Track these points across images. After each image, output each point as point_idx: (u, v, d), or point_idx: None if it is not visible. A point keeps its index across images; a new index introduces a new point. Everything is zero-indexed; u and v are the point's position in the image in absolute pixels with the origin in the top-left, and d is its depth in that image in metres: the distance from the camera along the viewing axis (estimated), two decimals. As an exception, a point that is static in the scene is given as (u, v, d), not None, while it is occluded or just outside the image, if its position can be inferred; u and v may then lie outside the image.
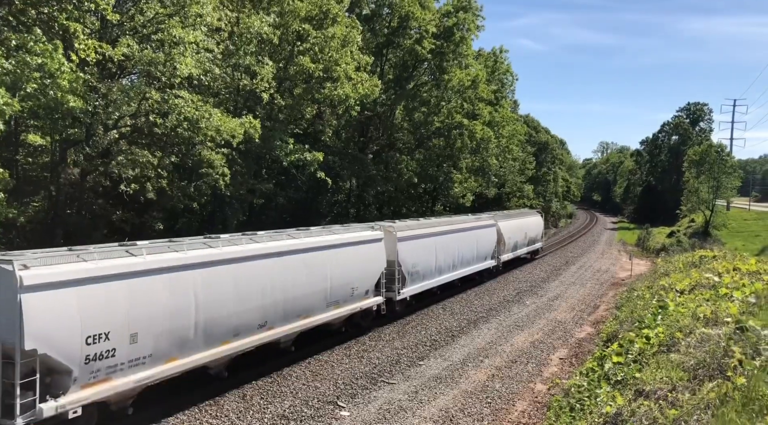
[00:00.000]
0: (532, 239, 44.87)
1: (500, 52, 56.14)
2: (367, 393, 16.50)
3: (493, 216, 37.05)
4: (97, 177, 24.47)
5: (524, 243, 42.37)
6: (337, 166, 34.61)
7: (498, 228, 36.18)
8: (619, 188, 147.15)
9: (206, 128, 21.40)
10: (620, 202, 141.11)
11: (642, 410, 9.48)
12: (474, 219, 34.53)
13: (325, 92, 29.02)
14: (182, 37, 20.40)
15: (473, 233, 32.64)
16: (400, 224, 25.52)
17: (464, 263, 31.41)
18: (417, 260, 25.78)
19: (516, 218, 41.30)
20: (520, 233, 41.12)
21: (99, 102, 20.25)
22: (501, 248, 36.85)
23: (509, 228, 38.52)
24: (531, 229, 44.53)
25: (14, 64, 15.38)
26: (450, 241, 29.27)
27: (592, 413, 11.36)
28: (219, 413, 14.69)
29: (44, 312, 10.80)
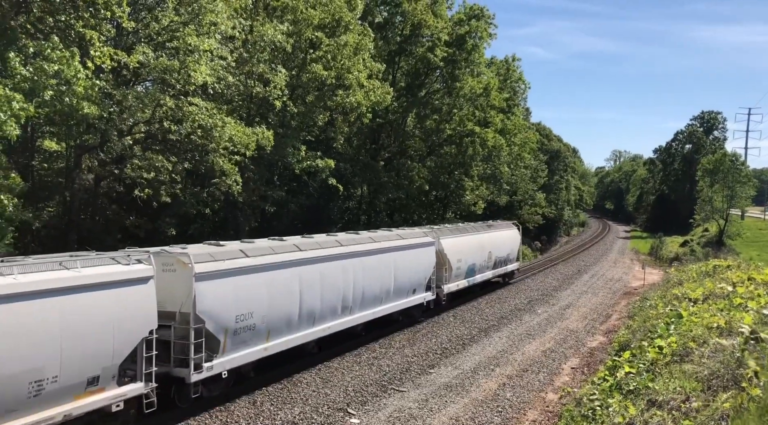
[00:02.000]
0: (502, 259, 35.45)
1: (512, 60, 56.12)
2: (377, 400, 16.47)
3: (432, 231, 27.59)
4: (111, 183, 24.69)
5: (488, 265, 33.05)
6: (349, 173, 34.70)
7: (440, 248, 27.17)
8: (631, 196, 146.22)
9: (219, 137, 21.54)
10: (633, 210, 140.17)
11: (655, 420, 9.39)
12: (394, 236, 24.10)
13: (337, 100, 29.14)
14: (197, 45, 20.58)
15: (388, 258, 22.58)
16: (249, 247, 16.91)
17: (369, 300, 21.53)
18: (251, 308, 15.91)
19: (474, 234, 32.05)
20: (481, 254, 31.83)
21: (114, 108, 20.46)
22: (445, 274, 27.50)
23: (460, 247, 29.31)
24: (500, 247, 35.08)
25: (32, 71, 15.59)
26: (337, 270, 19.49)
27: (604, 423, 11.26)
28: (229, 419, 14.72)
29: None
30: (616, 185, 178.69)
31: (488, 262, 33.22)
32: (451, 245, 28.54)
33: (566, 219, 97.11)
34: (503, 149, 42.96)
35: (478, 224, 35.19)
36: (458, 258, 28.98)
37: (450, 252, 28.00)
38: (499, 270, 35.59)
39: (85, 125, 20.42)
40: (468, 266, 30.40)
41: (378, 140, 39.11)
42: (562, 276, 44.78)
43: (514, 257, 38.45)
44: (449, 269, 28.04)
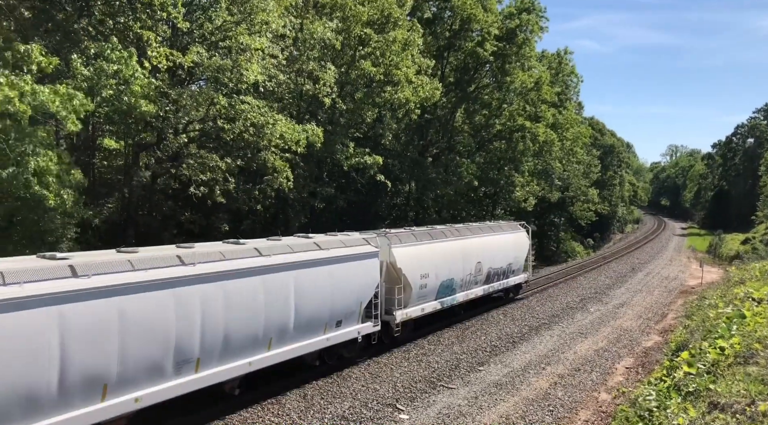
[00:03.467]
0: (500, 271, 27.90)
1: (565, 54, 54.95)
2: (426, 397, 16.44)
3: (380, 237, 20.19)
4: (167, 180, 25.39)
5: (476, 279, 25.70)
6: (397, 169, 34.68)
7: (391, 259, 20.16)
8: (689, 192, 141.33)
9: (271, 135, 21.86)
10: (690, 207, 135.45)
11: (717, 424, 9.05)
12: (309, 245, 16.99)
13: (386, 96, 29.15)
14: (249, 44, 20.93)
15: (279, 280, 15.25)
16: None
17: (236, 347, 14.06)
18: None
19: (451, 239, 24.07)
20: (463, 265, 24.48)
21: (169, 107, 21.02)
22: (398, 296, 20.32)
23: (425, 258, 21.86)
24: (497, 255, 27.38)
25: (92, 71, 16.16)
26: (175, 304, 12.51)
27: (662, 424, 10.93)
28: (281, 411, 14.95)
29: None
30: (672, 181, 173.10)
31: (476, 275, 25.46)
32: (410, 255, 20.91)
33: (620, 216, 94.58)
34: (555, 144, 42.12)
35: (461, 227, 26.74)
36: (423, 272, 21.40)
37: (407, 265, 20.58)
38: (496, 285, 27.68)
39: (143, 124, 21.04)
40: (442, 282, 22.74)
41: (426, 135, 38.95)
42: (615, 274, 43.67)
43: (520, 267, 30.27)
44: (407, 289, 20.58)
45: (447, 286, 23.46)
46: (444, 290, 23.34)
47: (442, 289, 23.18)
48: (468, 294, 25.37)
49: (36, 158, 14.85)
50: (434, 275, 22.40)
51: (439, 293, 23.01)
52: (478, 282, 26.04)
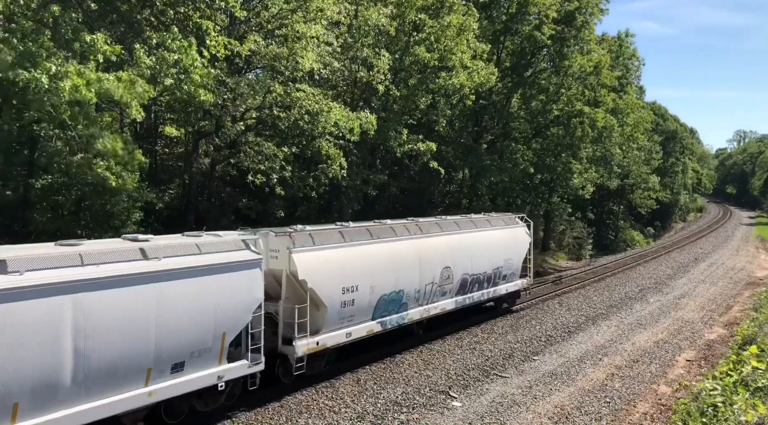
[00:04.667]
0: (483, 277, 22.43)
1: (626, 37, 53.09)
2: (480, 385, 16.37)
3: (279, 235, 15.31)
4: (225, 167, 25.96)
5: (444, 290, 20.36)
6: (450, 156, 34.37)
7: (292, 269, 15.06)
8: (757, 180, 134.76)
9: (325, 122, 22.01)
10: (759, 195, 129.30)
11: (786, 421, 8.64)
12: (120, 253, 11.49)
13: (440, 82, 28.85)
14: (304, 31, 21.07)
15: (54, 307, 10.13)
16: None
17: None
18: None
19: (401, 240, 18.77)
20: (422, 273, 19.21)
21: (227, 96, 21.42)
22: (303, 320, 15.09)
23: (350, 267, 16.61)
24: (480, 258, 22.18)
25: (154, 60, 16.62)
26: None
27: (728, 420, 10.54)
28: (335, 395, 15.18)
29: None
30: (739, 168, 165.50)
31: (444, 284, 20.20)
32: (324, 262, 15.71)
33: (682, 204, 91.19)
34: (614, 129, 40.83)
35: (425, 221, 20.85)
36: (347, 285, 16.27)
37: (318, 275, 15.38)
38: (477, 295, 22.24)
39: (202, 112, 21.54)
40: (382, 296, 17.55)
41: (481, 122, 38.40)
42: (676, 264, 42.25)
43: (516, 271, 24.61)
44: (320, 308, 15.55)
45: (392, 301, 17.96)
46: (387, 307, 17.80)
47: (384, 305, 17.68)
48: (429, 309, 19.67)
49: (102, 141, 15.44)
50: (367, 288, 16.84)
51: (378, 311, 17.49)
52: (446, 293, 20.49)
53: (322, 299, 15.58)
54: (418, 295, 19.21)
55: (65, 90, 13.67)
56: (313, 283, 15.29)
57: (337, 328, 16.25)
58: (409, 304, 18.91)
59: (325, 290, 15.68)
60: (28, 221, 17.67)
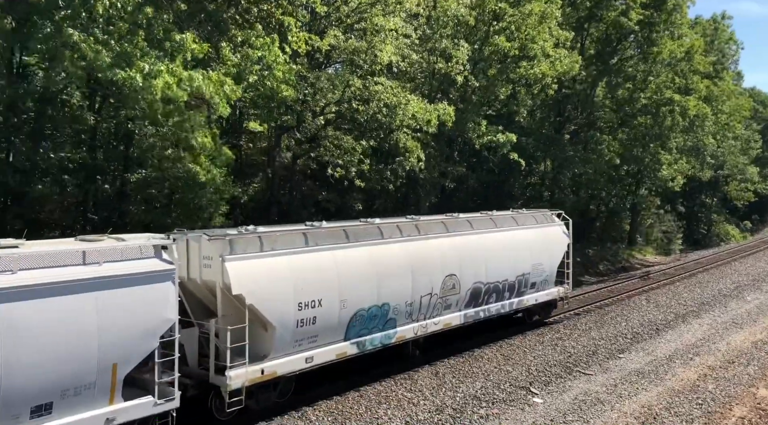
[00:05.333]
0: (504, 285, 19.09)
1: (722, 19, 50.04)
2: (562, 381, 15.97)
3: (212, 239, 12.50)
4: (306, 161, 26.54)
5: (450, 301, 17.20)
6: (531, 147, 33.60)
7: (225, 283, 12.34)
8: None
9: (403, 115, 22.04)
10: None
11: None
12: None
13: (521, 71, 28.26)
14: (383, 24, 21.16)
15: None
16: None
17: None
18: None
19: (387, 243, 15.72)
20: (416, 282, 16.04)
21: (308, 90, 21.86)
22: (240, 344, 12.34)
23: (310, 276, 13.65)
24: (499, 263, 18.88)
25: (239, 58, 17.18)
26: None
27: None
28: (413, 387, 15.23)
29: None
30: None
31: (447, 295, 17.05)
32: (267, 271, 12.89)
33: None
34: (707, 118, 38.62)
35: (427, 220, 17.65)
36: (304, 299, 13.36)
37: (261, 289, 12.63)
38: (495, 306, 18.87)
39: (284, 107, 22.08)
40: (358, 312, 14.61)
41: (563, 112, 37.29)
42: (778, 261, 39.55)
43: (550, 278, 21.14)
44: (268, 328, 12.91)
45: (373, 317, 14.98)
46: (366, 324, 14.83)
47: (361, 322, 14.69)
48: (426, 326, 16.49)
49: (194, 137, 16.15)
50: (336, 302, 13.99)
51: (352, 329, 14.50)
52: (452, 305, 17.26)
53: (267, 318, 12.63)
54: (411, 309, 15.97)
55: (157, 88, 14.35)
56: (254, 298, 12.36)
57: (293, 352, 13.27)
58: (399, 320, 15.67)
59: (273, 307, 12.69)
60: (125, 213, 18.74)
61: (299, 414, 13.32)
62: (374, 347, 15.22)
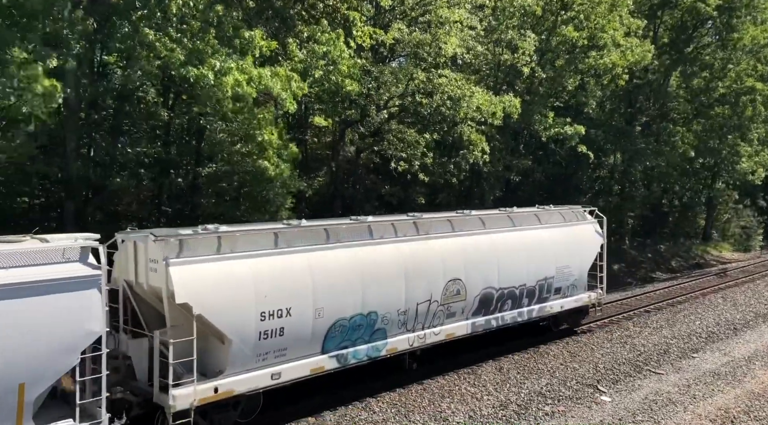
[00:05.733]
0: (522, 291, 17.18)
1: (810, 0, 46.91)
2: (631, 380, 15.50)
3: (158, 240, 11.00)
4: (369, 155, 26.73)
5: (455, 309, 15.45)
6: (600, 139, 32.63)
7: (170, 291, 10.85)
8: None
9: (467, 107, 21.84)
10: None
11: None
12: None
13: (590, 62, 27.45)
14: (447, 16, 21.02)
15: None
16: None
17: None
18: None
19: (374, 244, 13.97)
20: (410, 289, 14.33)
21: (372, 84, 21.97)
22: (187, 359, 10.88)
23: (276, 282, 12.06)
24: (516, 266, 16.95)
25: (305, 53, 17.46)
26: None
27: None
28: (476, 381, 15.14)
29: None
30: None
31: (450, 303, 15.27)
32: (222, 277, 11.42)
33: None
34: (793, 107, 36.36)
35: (429, 219, 15.69)
36: (271, 308, 11.90)
37: (212, 297, 11.20)
38: (511, 315, 17.02)
39: (348, 102, 22.30)
40: (338, 321, 13.09)
41: (635, 102, 35.98)
42: None
43: (579, 282, 19.04)
44: (225, 341, 11.47)
45: (356, 327, 13.42)
46: (348, 335, 13.33)
47: (342, 333, 13.20)
48: (424, 336, 14.83)
49: (261, 133, 16.56)
50: (309, 310, 12.50)
51: (331, 341, 13.02)
52: (456, 313, 15.53)
53: (220, 329, 11.23)
54: (405, 318, 14.29)
55: (228, 85, 14.78)
56: (203, 308, 10.94)
57: (255, 367, 11.80)
58: (389, 330, 14.07)
59: (228, 317, 11.29)
60: (197, 205, 19.43)
61: (363, 405, 13.47)
62: (359, 360, 13.58)
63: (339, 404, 13.41)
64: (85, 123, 17.05)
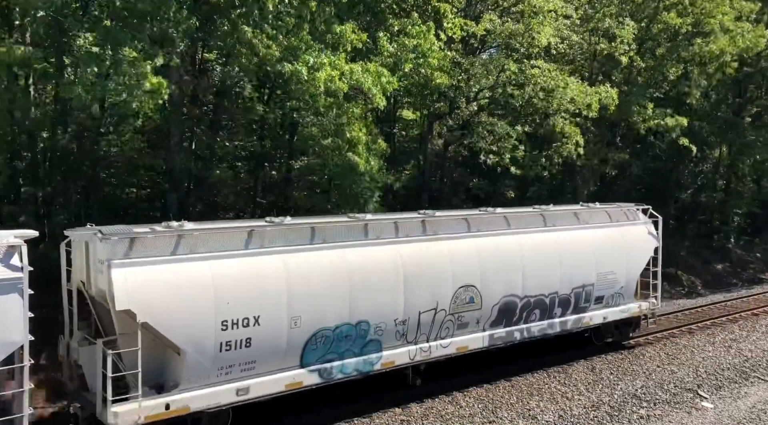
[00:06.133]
0: (553, 298, 15.35)
1: None
2: (736, 387, 14.61)
3: (106, 239, 10.13)
4: (457, 147, 26.51)
5: (467, 319, 13.93)
6: (704, 131, 30.73)
7: (111, 295, 9.99)
8: None
9: (561, 99, 21.20)
10: None
11: None
12: None
13: (694, 49, 25.88)
14: (541, 6, 20.47)
15: None
16: None
17: None
18: None
19: (368, 245, 12.69)
20: (409, 295, 12.93)
21: (461, 76, 21.76)
22: (136, 373, 10.12)
23: (239, 287, 10.92)
24: (547, 271, 15.20)
25: (395, 47, 17.53)
26: None
27: None
28: (567, 380, 14.76)
29: None
30: None
31: (462, 312, 13.80)
32: (174, 280, 10.40)
33: None
34: None
35: (444, 216, 14.33)
36: (235, 316, 10.82)
37: (161, 303, 10.23)
38: (539, 325, 15.22)
39: (437, 94, 22.20)
40: (320, 331, 11.88)
41: (744, 92, 33.57)
42: None
43: (626, 290, 17.02)
44: (181, 353, 10.54)
45: (343, 337, 12.17)
46: (333, 346, 12.10)
47: (326, 344, 11.99)
48: (429, 349, 13.45)
49: (350, 129, 16.82)
50: (283, 318, 11.33)
51: (312, 353, 11.83)
52: (470, 324, 13.97)
53: (171, 339, 10.25)
54: (404, 328, 12.91)
55: (320, 81, 15.11)
56: (149, 315, 9.97)
57: (216, 382, 10.70)
58: (385, 342, 12.72)
59: (180, 326, 10.24)
60: (289, 198, 20.01)
61: (449, 398, 13.46)
62: (347, 375, 12.25)
63: (425, 396, 13.45)
64: (187, 118, 17.93)
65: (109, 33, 13.79)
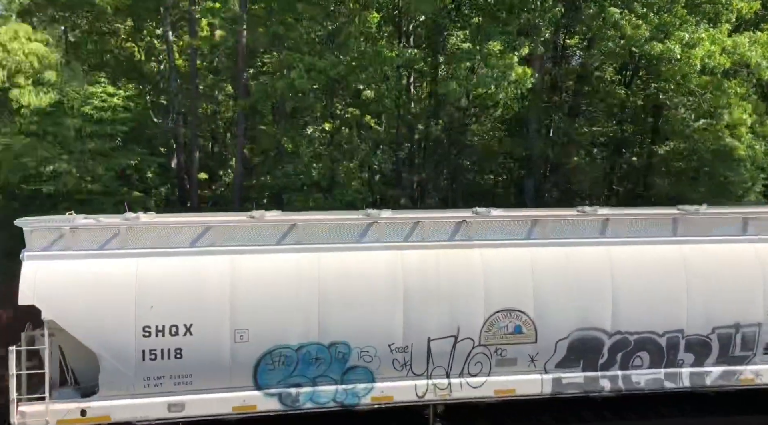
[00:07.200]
0: (671, 341, 10.38)
1: None
2: None
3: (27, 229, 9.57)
4: None
5: (520, 354, 10.18)
6: None
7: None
8: None
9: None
10: None
11: None
12: None
13: None
14: None
15: None
16: None
17: None
18: None
19: (368, 248, 10.03)
20: (412, 311, 9.91)
21: None
22: (43, 373, 9.45)
23: (174, 290, 9.52)
24: (681, 300, 10.29)
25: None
26: None
27: None
28: None
29: None
30: None
31: (503, 344, 10.31)
32: (89, 276, 9.42)
33: None
34: None
35: (496, 218, 10.55)
36: (161, 322, 9.43)
37: (72, 301, 9.34)
38: (645, 374, 10.82)
39: None
40: (276, 349, 9.75)
41: None
42: None
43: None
44: (103, 359, 9.49)
45: (313, 360, 9.96)
46: (301, 369, 9.98)
47: (291, 365, 9.93)
48: (449, 387, 10.42)
49: (730, 109, 14.88)
50: (224, 331, 9.70)
51: (270, 374, 9.89)
52: (519, 361, 10.52)
53: (81, 340, 9.49)
54: (404, 356, 10.21)
55: (696, 58, 13.65)
56: (56, 312, 9.27)
57: (143, 394, 9.61)
58: (378, 371, 10.16)
59: (91, 327, 9.38)
60: (650, 185, 18.71)
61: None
62: (320, 405, 10.10)
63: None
64: (546, 104, 18.10)
65: (479, 29, 14.73)
